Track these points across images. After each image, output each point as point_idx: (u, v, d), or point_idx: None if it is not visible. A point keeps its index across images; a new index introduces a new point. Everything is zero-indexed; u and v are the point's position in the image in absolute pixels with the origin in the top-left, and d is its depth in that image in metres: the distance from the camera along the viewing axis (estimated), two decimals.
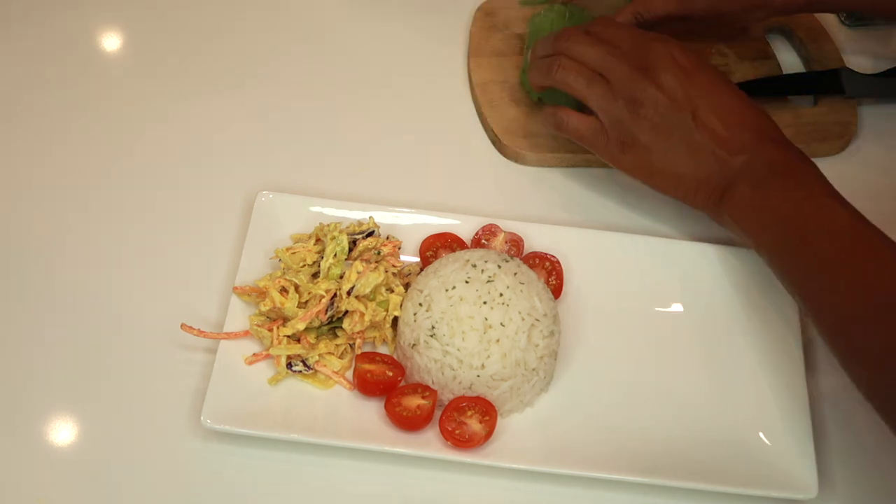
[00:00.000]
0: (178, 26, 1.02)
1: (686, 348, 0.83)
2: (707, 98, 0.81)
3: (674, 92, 0.81)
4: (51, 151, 0.93)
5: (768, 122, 0.81)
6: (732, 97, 0.82)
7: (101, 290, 0.85)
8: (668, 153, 0.82)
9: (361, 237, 0.83)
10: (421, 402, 0.76)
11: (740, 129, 0.80)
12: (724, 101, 0.81)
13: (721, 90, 0.82)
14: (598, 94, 0.84)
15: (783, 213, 0.77)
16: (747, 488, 0.75)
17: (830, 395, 0.82)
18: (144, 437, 0.78)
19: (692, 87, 0.81)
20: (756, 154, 0.79)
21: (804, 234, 0.75)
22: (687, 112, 0.81)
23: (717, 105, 0.81)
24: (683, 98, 0.81)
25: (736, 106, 0.81)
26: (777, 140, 0.80)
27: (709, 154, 0.80)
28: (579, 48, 0.85)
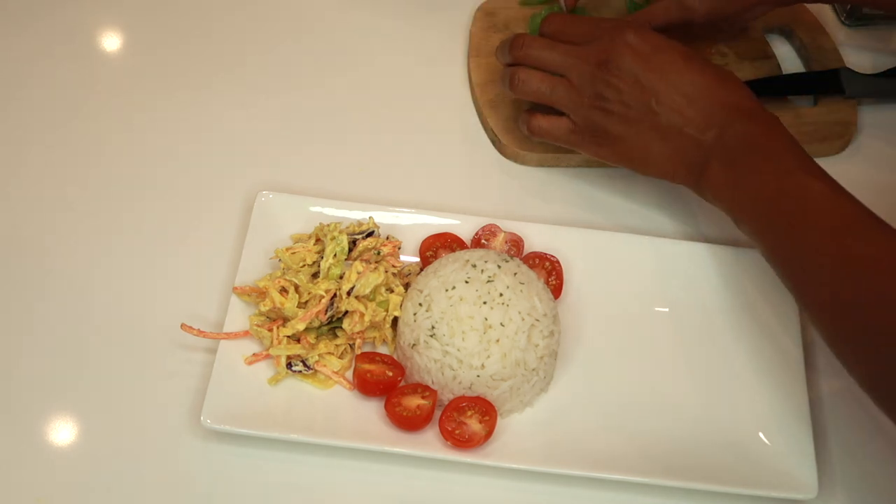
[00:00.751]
0: (178, 26, 1.02)
1: (686, 348, 0.83)
2: (667, 79, 0.80)
3: (633, 79, 0.81)
4: (50, 151, 0.93)
5: (737, 92, 0.80)
6: (696, 73, 0.81)
7: (101, 290, 0.85)
8: (640, 140, 0.82)
9: (361, 237, 0.83)
10: (421, 402, 0.76)
11: (707, 104, 0.79)
12: (687, 77, 0.80)
13: (682, 68, 0.81)
14: (563, 97, 0.84)
15: (757, 191, 0.76)
16: (747, 488, 0.75)
17: (830, 395, 0.82)
18: (144, 437, 0.78)
19: (651, 71, 0.81)
20: (726, 128, 0.78)
21: (780, 212, 0.75)
22: (650, 97, 0.81)
23: (679, 83, 0.80)
24: (644, 83, 0.81)
25: (700, 81, 0.80)
26: (747, 110, 0.79)
27: (678, 134, 0.80)
28: (536, 53, 0.86)
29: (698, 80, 0.81)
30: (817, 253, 0.72)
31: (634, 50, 0.81)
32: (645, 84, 0.81)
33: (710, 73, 0.81)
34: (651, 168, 0.83)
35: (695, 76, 0.81)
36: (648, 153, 0.82)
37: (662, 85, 0.81)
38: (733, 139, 0.78)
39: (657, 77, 0.81)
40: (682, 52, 0.82)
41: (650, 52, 0.82)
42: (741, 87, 0.81)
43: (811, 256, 0.72)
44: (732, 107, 0.79)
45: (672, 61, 0.81)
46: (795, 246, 0.73)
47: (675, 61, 0.81)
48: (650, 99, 0.81)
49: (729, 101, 0.80)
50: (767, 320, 0.83)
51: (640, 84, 0.81)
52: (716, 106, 0.79)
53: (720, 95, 0.80)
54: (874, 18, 1.05)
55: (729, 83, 0.81)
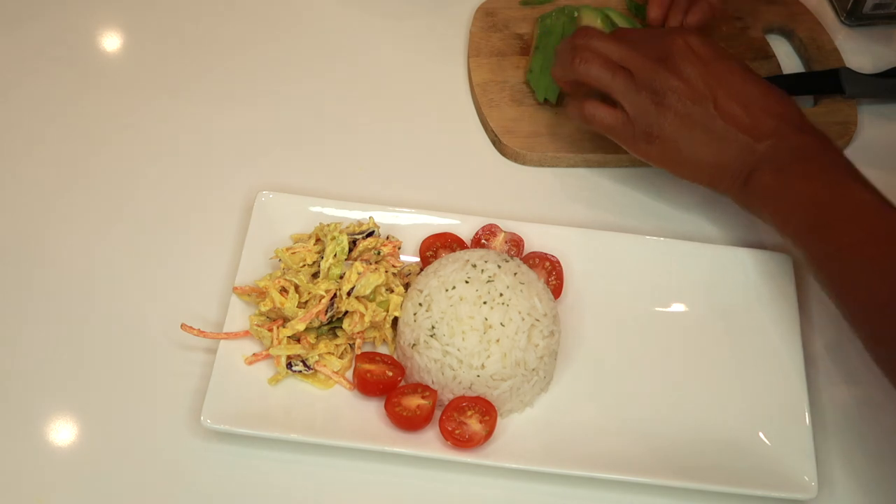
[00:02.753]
0: (179, 25, 1.02)
1: (686, 348, 0.83)
2: (727, 85, 0.81)
3: (694, 81, 0.82)
4: (50, 151, 0.93)
5: (792, 108, 0.82)
6: (753, 83, 0.82)
7: (101, 290, 0.85)
8: (692, 142, 0.82)
9: (361, 237, 0.83)
10: (421, 402, 0.76)
11: (763, 115, 0.80)
12: (745, 87, 0.82)
13: (741, 77, 0.82)
14: (622, 85, 0.84)
15: (807, 197, 0.77)
16: (747, 488, 0.75)
17: (830, 395, 0.82)
18: (144, 437, 0.78)
19: (711, 75, 0.82)
20: (780, 139, 0.79)
21: (827, 218, 0.76)
22: (709, 100, 0.81)
23: (738, 92, 0.81)
24: (704, 87, 0.81)
25: (757, 92, 0.82)
26: (801, 125, 0.81)
27: (732, 141, 0.81)
28: (599, 42, 0.85)
29: (755, 90, 0.82)
30: (859, 256, 0.73)
31: (695, 52, 0.82)
32: (704, 86, 0.81)
33: (766, 86, 0.82)
34: (696, 173, 0.84)
35: (752, 87, 0.82)
36: (698, 156, 0.82)
37: (722, 90, 0.81)
38: (787, 150, 0.79)
39: (717, 82, 0.81)
40: (741, 62, 0.84)
41: (711, 58, 0.82)
42: (794, 104, 0.82)
43: (852, 259, 0.73)
44: (787, 120, 0.80)
45: (733, 70, 0.82)
46: (838, 249, 0.74)
47: (736, 70, 0.82)
48: (709, 102, 0.81)
49: (784, 114, 0.81)
50: (767, 320, 0.83)
51: (699, 86, 0.81)
52: (771, 118, 0.80)
53: (776, 108, 0.81)
54: (874, 18, 1.05)
55: (784, 99, 0.82)
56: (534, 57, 0.97)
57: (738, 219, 0.90)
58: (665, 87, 0.82)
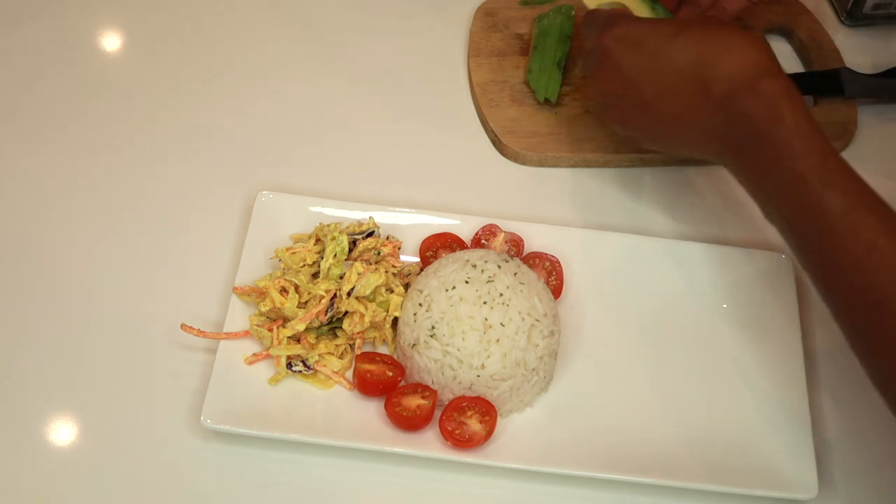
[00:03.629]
0: (178, 25, 1.02)
1: (686, 348, 0.83)
2: (656, 69, 0.78)
3: (626, 78, 0.79)
4: (50, 150, 0.93)
5: (736, 59, 0.74)
6: (680, 53, 0.76)
7: (101, 290, 0.85)
8: (659, 134, 0.81)
9: (361, 237, 0.83)
10: (421, 402, 0.76)
11: (700, 86, 0.75)
12: (671, 66, 0.77)
13: (664, 57, 0.77)
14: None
15: (772, 194, 0.73)
16: (747, 488, 0.75)
17: (830, 395, 0.82)
18: (144, 437, 0.78)
19: (637, 65, 0.79)
20: (729, 114, 0.73)
21: (791, 215, 0.72)
22: (642, 101, 0.79)
23: (666, 80, 0.77)
24: (636, 80, 0.79)
25: (687, 61, 0.76)
26: (746, 82, 0.73)
27: (686, 125, 0.78)
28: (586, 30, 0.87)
29: (684, 60, 0.76)
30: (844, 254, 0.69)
31: (618, 48, 0.80)
32: (637, 80, 0.79)
33: (698, 47, 0.76)
34: (682, 151, 0.83)
35: (682, 59, 0.76)
36: (670, 144, 0.82)
37: (650, 87, 0.78)
38: (738, 126, 0.73)
39: (645, 73, 0.78)
40: (666, 33, 0.78)
41: (634, 45, 0.79)
42: (738, 48, 0.75)
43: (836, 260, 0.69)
44: (732, 85, 0.74)
45: (653, 55, 0.78)
46: (819, 250, 0.70)
47: (658, 53, 0.78)
48: (643, 103, 0.79)
49: (726, 73, 0.74)
50: (767, 320, 0.83)
51: (632, 81, 0.79)
52: (713, 84, 0.74)
53: (717, 73, 0.74)
54: (874, 18, 1.05)
55: (723, 52, 0.75)
56: (533, 57, 0.97)
57: (738, 219, 0.90)
58: (604, 101, 0.83)
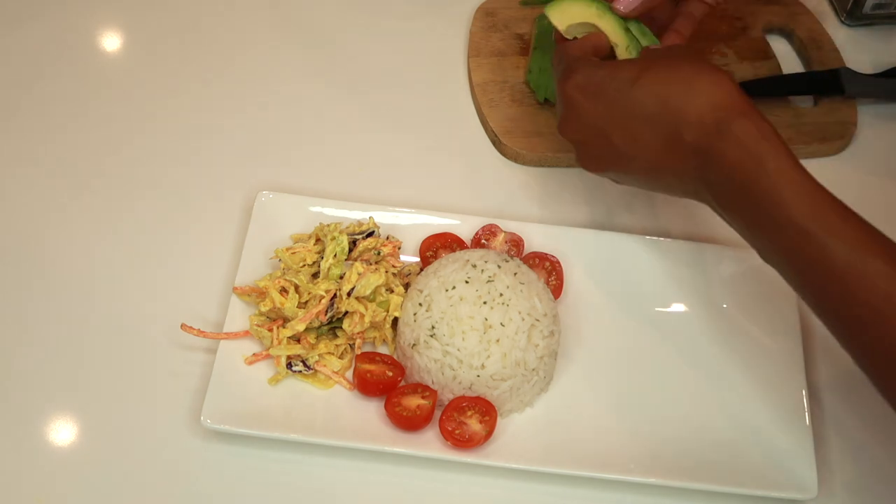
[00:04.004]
0: (178, 26, 1.02)
1: (686, 348, 0.83)
2: (620, 127, 0.73)
3: (590, 140, 0.76)
4: (50, 150, 0.93)
5: (703, 102, 0.69)
6: (644, 99, 0.72)
7: (101, 289, 0.85)
8: (637, 179, 0.77)
9: (361, 237, 0.83)
10: (421, 402, 0.76)
11: (672, 138, 0.71)
12: (636, 113, 0.72)
13: (627, 104, 0.72)
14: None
15: (761, 238, 0.70)
16: (747, 488, 0.75)
17: (830, 395, 0.82)
18: (144, 437, 0.78)
19: (594, 125, 0.74)
20: (705, 161, 0.69)
21: (794, 266, 0.69)
22: (623, 156, 0.74)
23: (632, 128, 0.72)
24: (604, 144, 0.75)
25: (653, 112, 0.71)
26: (721, 126, 0.68)
27: (664, 175, 0.74)
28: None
29: (648, 106, 0.71)
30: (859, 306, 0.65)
31: (580, 97, 0.75)
32: (603, 129, 0.74)
33: (661, 91, 0.71)
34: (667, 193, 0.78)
35: (645, 103, 0.71)
36: (650, 184, 0.77)
37: (617, 130, 0.73)
38: (717, 174, 0.69)
39: (610, 121, 0.74)
40: (626, 78, 0.73)
41: (595, 93, 0.74)
42: (703, 89, 0.70)
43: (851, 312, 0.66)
44: (700, 127, 0.69)
45: (617, 97, 0.73)
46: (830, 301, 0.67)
47: (621, 95, 0.73)
48: (615, 142, 0.74)
49: (694, 118, 0.69)
50: (767, 320, 0.83)
51: (598, 130, 0.75)
52: (683, 130, 0.70)
53: (683, 116, 0.70)
54: (874, 18, 1.05)
55: (689, 91, 0.70)
56: (532, 57, 0.97)
57: None
58: (572, 145, 0.78)
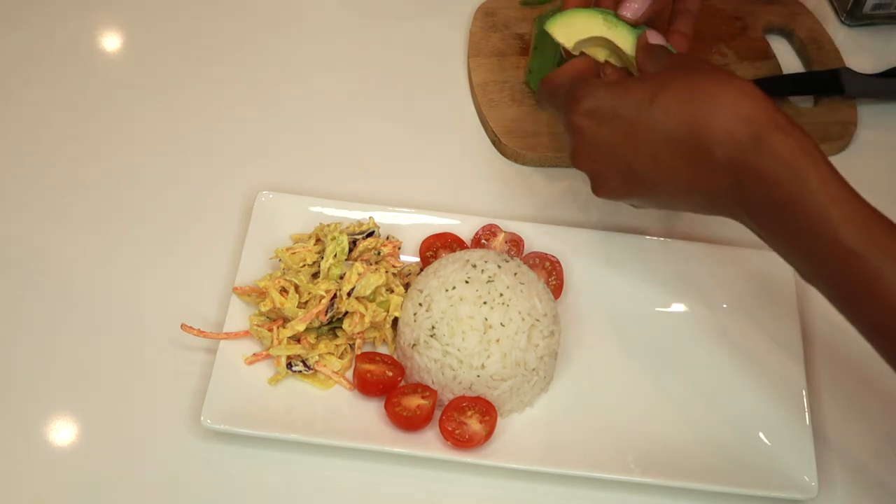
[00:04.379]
0: (178, 25, 1.02)
1: (686, 348, 0.83)
2: (640, 152, 0.68)
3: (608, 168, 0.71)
4: (50, 150, 0.93)
5: (732, 116, 0.63)
6: (665, 119, 0.66)
7: (101, 290, 0.85)
8: (663, 202, 0.72)
9: (361, 237, 0.83)
10: (421, 402, 0.76)
11: (700, 157, 0.65)
12: (657, 135, 0.66)
13: (646, 126, 0.66)
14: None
15: (805, 257, 0.65)
16: (747, 488, 0.75)
17: (830, 395, 0.82)
18: (144, 437, 0.78)
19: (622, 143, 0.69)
20: (740, 179, 0.64)
21: (844, 289, 0.64)
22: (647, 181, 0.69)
23: (654, 152, 0.67)
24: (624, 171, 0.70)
25: (677, 132, 0.65)
26: (756, 142, 0.63)
27: (692, 196, 0.68)
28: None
29: (671, 126, 0.66)
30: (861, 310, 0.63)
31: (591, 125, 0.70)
32: (622, 155, 0.69)
33: (683, 109, 0.65)
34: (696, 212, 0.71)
35: (666, 124, 0.66)
36: (677, 206, 0.71)
37: (637, 155, 0.68)
38: (754, 191, 0.64)
39: (629, 147, 0.68)
40: (641, 98, 0.67)
41: (609, 119, 0.69)
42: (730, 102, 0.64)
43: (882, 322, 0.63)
44: (732, 143, 0.64)
45: (635, 121, 0.67)
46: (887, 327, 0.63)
47: (638, 118, 0.67)
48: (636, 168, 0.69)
49: (724, 134, 0.64)
50: (767, 320, 0.83)
51: (617, 158, 0.69)
52: (713, 148, 0.64)
53: (712, 133, 0.64)
54: (874, 18, 1.05)
55: (715, 105, 0.64)
56: (532, 57, 0.97)
57: None
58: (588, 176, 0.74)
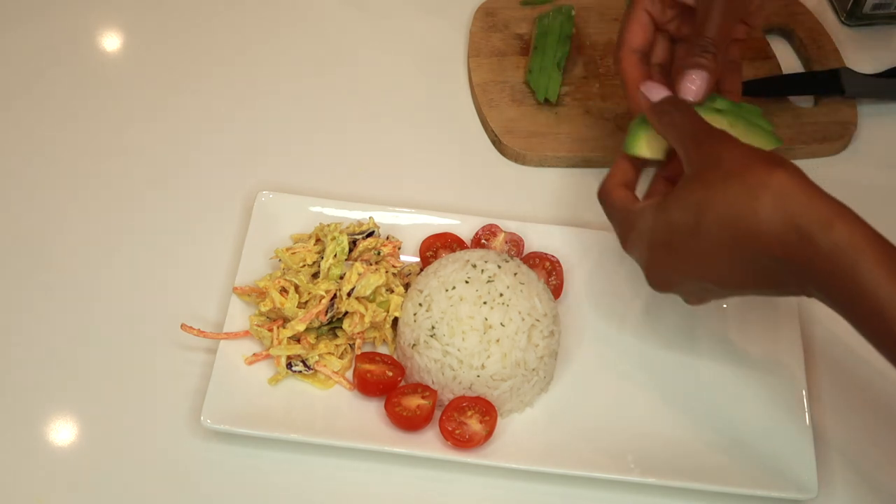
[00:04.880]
0: (178, 25, 1.02)
1: (686, 348, 0.82)
2: (702, 267, 0.68)
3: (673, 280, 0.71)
4: (50, 151, 0.93)
5: (774, 217, 0.63)
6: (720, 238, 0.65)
7: (102, 290, 0.85)
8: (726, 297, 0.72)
9: (361, 237, 0.83)
10: (421, 402, 0.76)
11: (759, 263, 0.65)
12: (713, 250, 0.66)
13: (699, 246, 0.67)
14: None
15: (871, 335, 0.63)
16: (747, 488, 0.75)
17: (830, 395, 0.82)
18: (144, 437, 0.78)
19: (677, 277, 0.70)
20: (803, 273, 0.63)
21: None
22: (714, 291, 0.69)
23: (714, 264, 0.67)
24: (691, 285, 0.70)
25: (732, 244, 0.65)
26: (803, 240, 0.62)
27: (760, 292, 0.68)
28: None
29: (727, 241, 0.65)
30: None
31: (647, 253, 0.71)
32: (688, 273, 0.69)
33: (730, 220, 0.64)
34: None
35: (721, 239, 0.65)
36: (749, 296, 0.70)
37: (701, 271, 0.68)
38: (813, 284, 0.63)
39: (687, 271, 0.69)
40: (687, 228, 0.67)
41: (663, 247, 0.69)
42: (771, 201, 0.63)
43: None
44: (786, 245, 0.63)
45: (686, 243, 0.67)
46: None
47: (690, 239, 0.67)
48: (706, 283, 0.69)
49: (776, 237, 0.63)
50: (767, 320, 0.83)
51: (685, 275, 0.69)
52: (772, 251, 0.63)
53: (765, 238, 0.63)
54: (874, 18, 1.05)
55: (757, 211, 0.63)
56: (533, 57, 0.97)
57: None
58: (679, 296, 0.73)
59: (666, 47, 0.82)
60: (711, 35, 0.75)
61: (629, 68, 0.80)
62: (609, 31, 1.01)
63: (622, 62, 0.80)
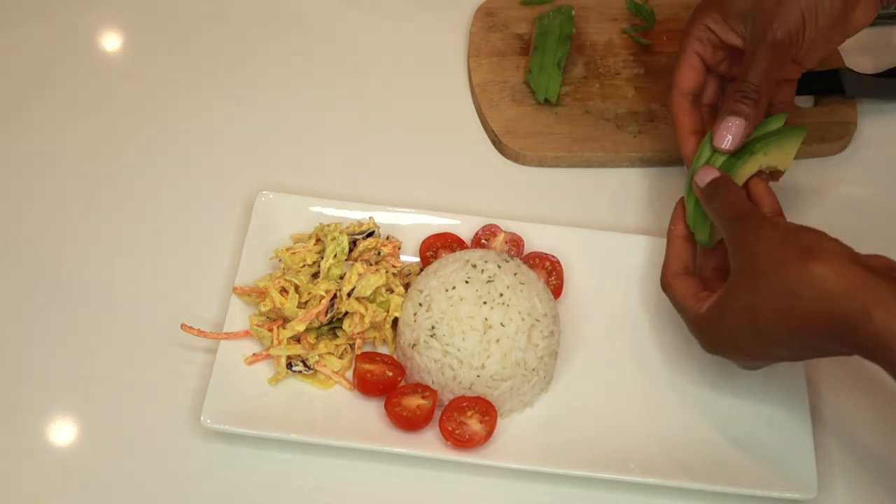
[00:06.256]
0: (178, 26, 1.02)
1: (686, 348, 0.82)
2: (764, 355, 0.73)
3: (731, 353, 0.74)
4: (51, 151, 0.93)
5: (819, 310, 0.66)
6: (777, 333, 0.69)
7: (102, 290, 0.85)
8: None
9: (361, 237, 0.83)
10: (421, 402, 0.76)
11: (815, 350, 0.70)
12: (770, 343, 0.70)
13: (758, 341, 0.71)
14: None
15: None
16: (747, 488, 0.75)
17: (830, 395, 0.82)
18: (144, 437, 0.78)
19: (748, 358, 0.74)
20: (859, 352, 0.67)
21: None
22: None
23: (774, 353, 0.72)
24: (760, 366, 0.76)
25: (788, 336, 0.69)
26: (849, 332, 0.65)
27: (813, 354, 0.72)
28: None
29: (784, 334, 0.69)
30: None
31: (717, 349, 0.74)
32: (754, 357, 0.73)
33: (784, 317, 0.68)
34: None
35: (778, 332, 0.69)
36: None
37: (764, 356, 0.73)
38: (875, 361, 0.66)
39: (756, 356, 0.73)
40: (742, 324, 0.70)
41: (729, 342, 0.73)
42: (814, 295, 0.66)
43: None
44: (834, 337, 0.67)
45: (748, 338, 0.71)
46: None
47: (751, 335, 0.70)
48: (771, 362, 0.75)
49: (825, 331, 0.67)
50: None
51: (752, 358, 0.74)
52: (826, 341, 0.67)
53: (816, 331, 0.67)
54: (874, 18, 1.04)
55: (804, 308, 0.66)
56: (532, 57, 0.97)
57: None
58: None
59: (716, 88, 0.85)
60: (755, 81, 0.77)
61: (680, 114, 0.82)
62: (609, 30, 1.01)
63: (673, 107, 0.83)
